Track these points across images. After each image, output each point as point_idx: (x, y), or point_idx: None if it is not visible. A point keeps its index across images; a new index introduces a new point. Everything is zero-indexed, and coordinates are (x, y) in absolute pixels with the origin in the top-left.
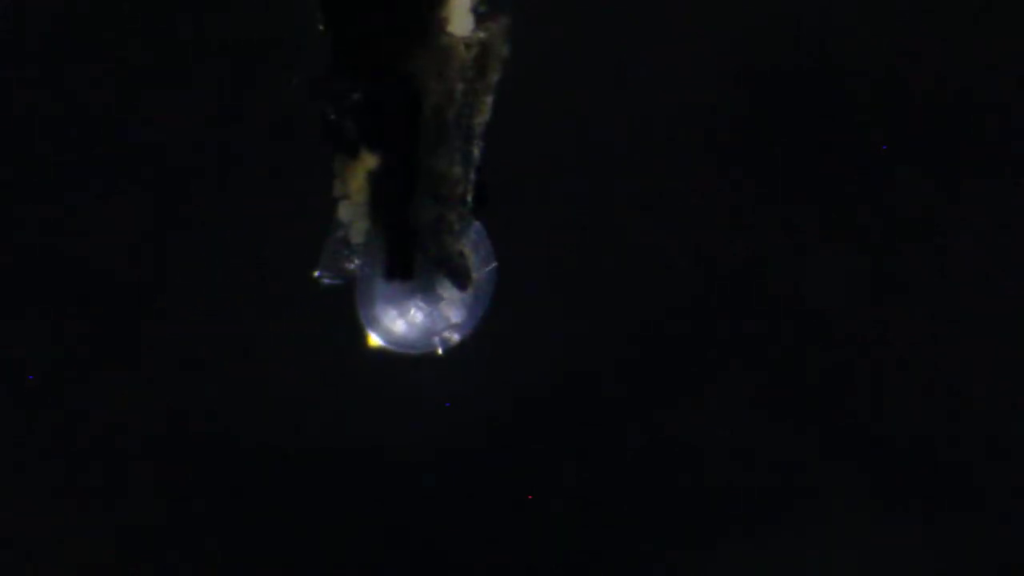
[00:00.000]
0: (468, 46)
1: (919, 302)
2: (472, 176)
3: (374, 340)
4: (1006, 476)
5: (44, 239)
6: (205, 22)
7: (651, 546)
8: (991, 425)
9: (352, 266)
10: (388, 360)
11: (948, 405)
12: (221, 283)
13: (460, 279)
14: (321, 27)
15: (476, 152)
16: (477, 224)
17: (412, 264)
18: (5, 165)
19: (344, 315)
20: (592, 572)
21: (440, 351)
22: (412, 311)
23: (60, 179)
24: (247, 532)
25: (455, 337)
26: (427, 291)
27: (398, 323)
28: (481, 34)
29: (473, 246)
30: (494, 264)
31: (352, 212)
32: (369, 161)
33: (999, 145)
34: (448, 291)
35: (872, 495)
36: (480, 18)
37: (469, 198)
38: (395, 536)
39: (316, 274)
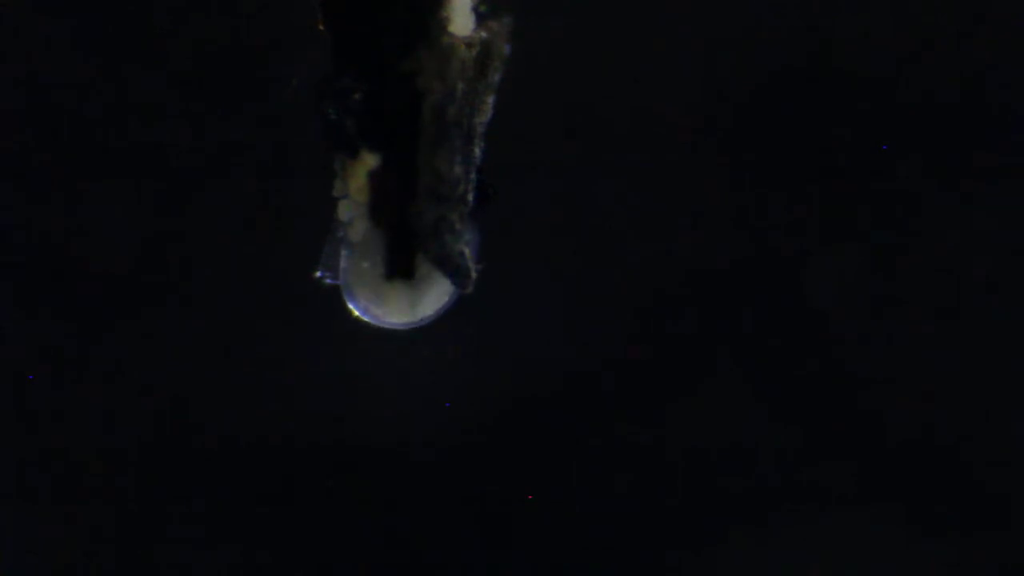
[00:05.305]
0: (469, 46)
1: (919, 302)
2: (473, 176)
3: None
4: (1007, 476)
5: (44, 239)
6: (205, 21)
7: (651, 546)
8: (992, 425)
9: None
10: (388, 360)
11: (950, 405)
12: (221, 283)
13: (461, 279)
14: (321, 27)
15: (477, 152)
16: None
17: (413, 264)
18: (4, 165)
19: (344, 315)
20: (592, 572)
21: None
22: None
23: (60, 179)
24: (246, 532)
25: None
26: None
27: (386, 311)
28: (482, 34)
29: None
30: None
31: (352, 212)
32: (369, 161)
33: (999, 145)
34: (445, 287)
35: (872, 495)
36: (481, 18)
37: (470, 198)
38: (394, 536)
39: (317, 274)
